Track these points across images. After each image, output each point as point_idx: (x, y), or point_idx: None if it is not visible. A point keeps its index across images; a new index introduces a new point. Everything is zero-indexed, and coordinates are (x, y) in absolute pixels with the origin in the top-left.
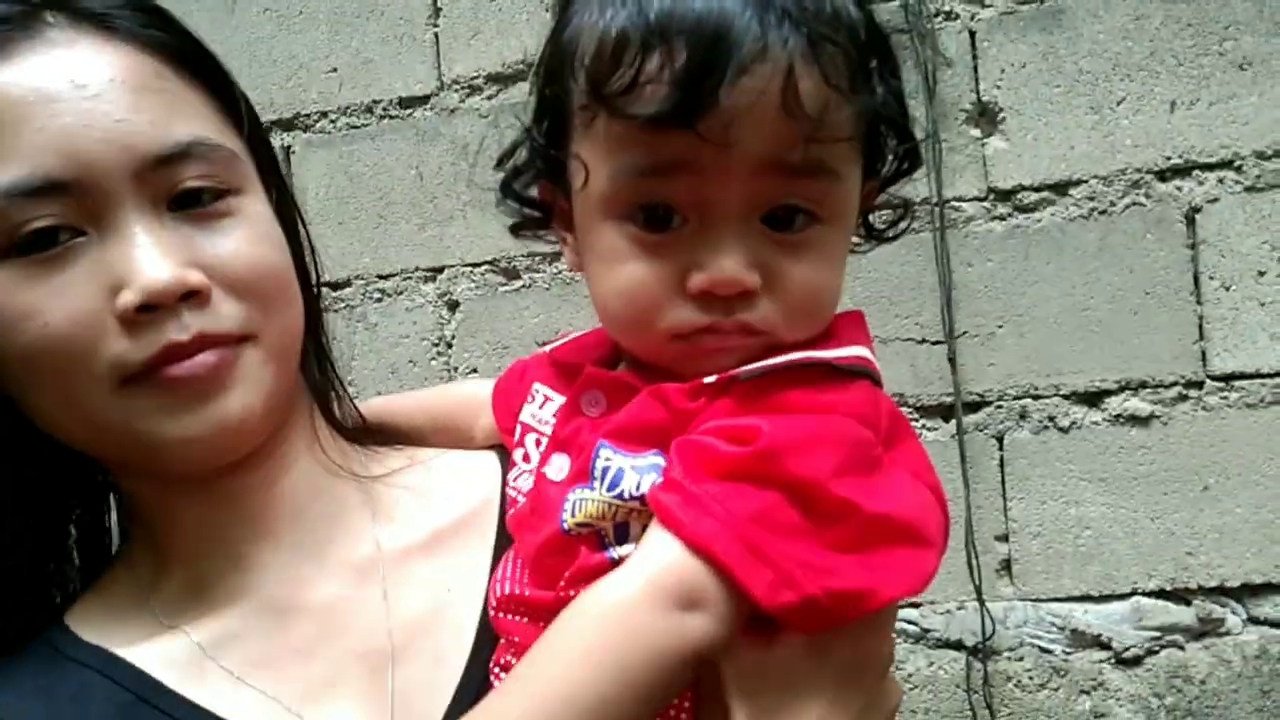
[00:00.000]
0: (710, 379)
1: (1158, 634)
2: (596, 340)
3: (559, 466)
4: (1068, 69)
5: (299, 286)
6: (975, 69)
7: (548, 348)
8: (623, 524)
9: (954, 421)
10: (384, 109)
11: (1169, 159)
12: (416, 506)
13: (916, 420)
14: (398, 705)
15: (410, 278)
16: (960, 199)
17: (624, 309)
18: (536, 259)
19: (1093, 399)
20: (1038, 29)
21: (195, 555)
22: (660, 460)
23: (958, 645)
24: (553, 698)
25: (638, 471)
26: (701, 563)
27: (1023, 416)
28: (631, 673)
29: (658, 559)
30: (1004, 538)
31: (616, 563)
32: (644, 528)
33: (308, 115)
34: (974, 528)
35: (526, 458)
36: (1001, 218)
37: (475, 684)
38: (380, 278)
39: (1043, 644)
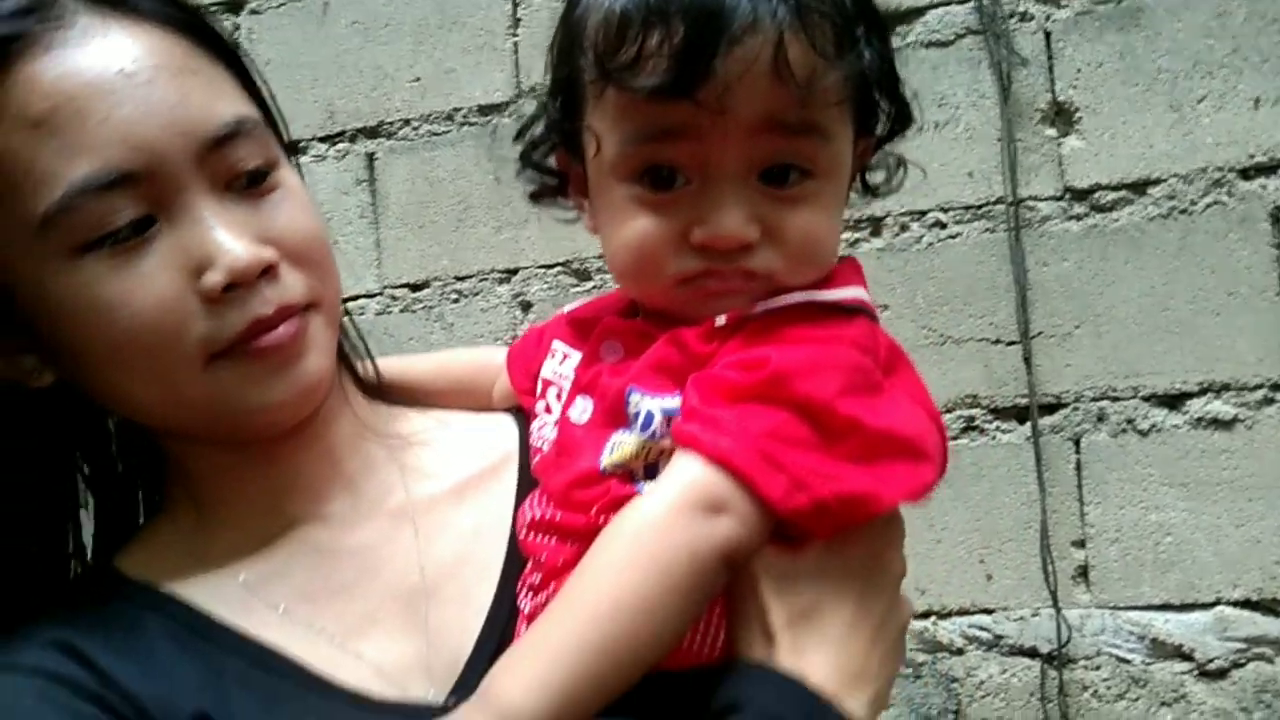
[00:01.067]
0: (722, 320)
1: (1244, 646)
2: (613, 299)
3: (582, 409)
4: (1146, 68)
5: None
6: (1051, 69)
7: (565, 309)
8: (652, 464)
9: (1029, 424)
10: (464, 116)
11: (1253, 157)
12: (440, 461)
13: (990, 423)
14: (432, 638)
15: (486, 279)
16: (1036, 198)
17: (632, 261)
18: None
19: (1173, 401)
20: (1115, 28)
21: (239, 509)
22: (680, 399)
23: (1031, 653)
24: (602, 604)
25: (665, 412)
26: (722, 474)
27: (1100, 419)
28: (669, 575)
29: (683, 476)
30: (1080, 543)
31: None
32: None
33: (391, 123)
34: (1049, 533)
35: (549, 409)
36: (1078, 217)
37: (502, 618)
38: (457, 279)
39: (1121, 653)
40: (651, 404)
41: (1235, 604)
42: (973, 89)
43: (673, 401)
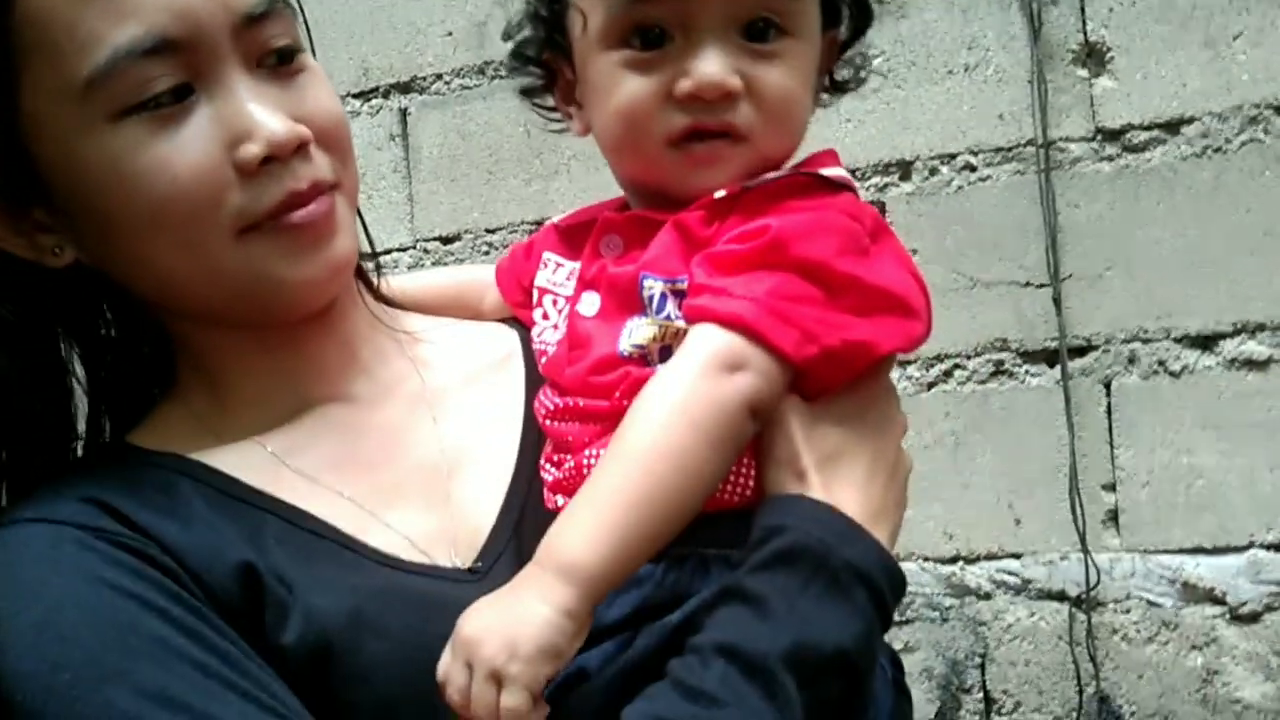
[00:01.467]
0: (721, 193)
1: (1277, 589)
2: (601, 206)
3: (590, 303)
4: (1180, 4)
5: None
6: (1082, 8)
7: (553, 220)
8: (667, 347)
9: (1059, 367)
10: (495, 69)
11: None
12: (448, 355)
13: (1020, 366)
14: (454, 511)
15: (516, 230)
16: (1067, 139)
17: (622, 124)
18: None
19: (1206, 343)
20: None
21: (257, 391)
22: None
23: (1060, 596)
24: (645, 458)
25: (678, 293)
26: (737, 334)
27: (1131, 361)
28: (703, 427)
29: (702, 342)
30: (1111, 487)
31: None
32: None
33: (424, 78)
34: (1079, 476)
35: (546, 316)
36: (1110, 158)
37: (521, 490)
38: (488, 231)
39: (1151, 597)
40: (664, 286)
41: (1268, 547)
42: (1003, 30)
43: (684, 283)
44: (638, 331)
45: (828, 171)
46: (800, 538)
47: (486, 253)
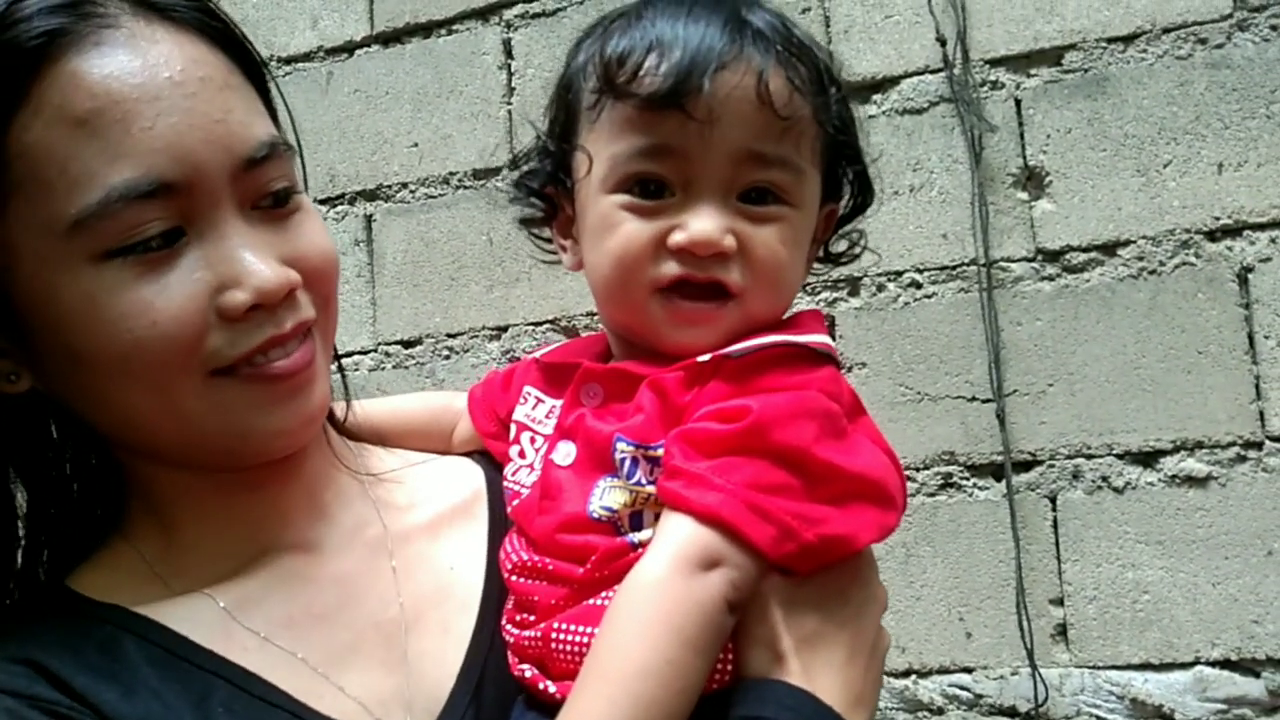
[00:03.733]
0: (704, 358)
1: (1224, 707)
2: (585, 344)
3: (565, 453)
4: (1113, 134)
5: None
6: (1021, 135)
7: (535, 355)
8: (637, 513)
9: (1004, 481)
10: (459, 180)
11: (1218, 219)
12: (412, 497)
13: (967, 480)
14: (412, 670)
15: (477, 336)
16: (1009, 259)
17: (614, 265)
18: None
19: (1147, 459)
20: (1083, 96)
21: (212, 535)
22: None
23: (1010, 712)
24: (627, 671)
25: (650, 460)
26: (713, 529)
27: (1076, 476)
28: (682, 631)
29: (676, 536)
30: (1059, 601)
31: (635, 546)
32: (656, 515)
33: (389, 186)
34: (1027, 590)
35: (523, 454)
36: (1050, 278)
37: (483, 650)
38: (449, 336)
39: (1101, 713)
40: (637, 451)
41: (1214, 664)
42: (946, 154)
43: (656, 450)
44: (608, 495)
45: (810, 339)
46: None
47: (447, 357)
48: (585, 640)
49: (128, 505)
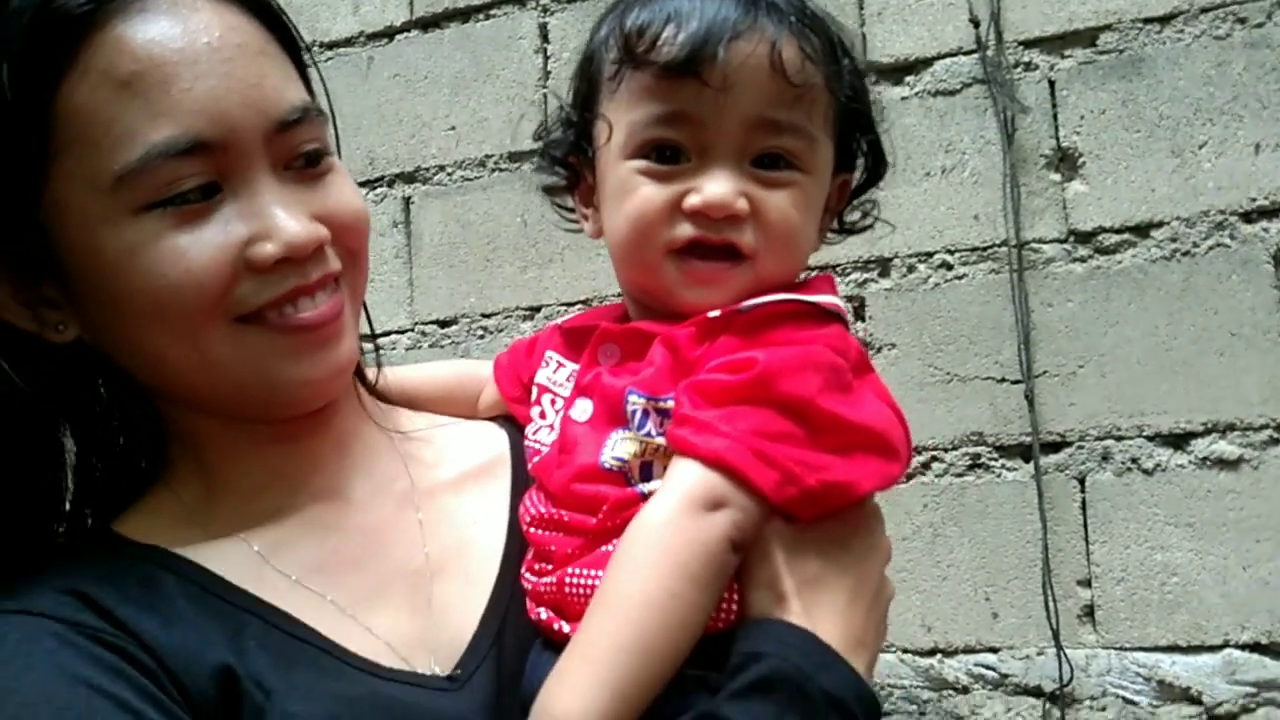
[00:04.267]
0: (715, 313)
1: (1253, 690)
2: (605, 311)
3: (582, 409)
4: (1148, 115)
5: None
6: (1055, 116)
7: (558, 322)
8: (647, 463)
9: (1033, 462)
10: (495, 163)
11: (1254, 200)
12: (439, 455)
13: (996, 460)
14: (435, 616)
15: (511, 315)
16: (1040, 240)
17: (631, 227)
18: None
19: (1178, 441)
20: (1117, 77)
21: (249, 483)
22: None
23: (1036, 692)
24: (634, 605)
25: (660, 411)
26: (718, 473)
27: (1105, 458)
28: (687, 568)
29: (684, 479)
30: (1086, 582)
31: (644, 496)
32: (664, 468)
33: (427, 169)
34: (1054, 571)
35: (543, 414)
36: (1082, 259)
37: (504, 599)
38: (484, 315)
39: (1127, 694)
40: (647, 403)
41: (1244, 647)
42: (978, 135)
43: (667, 402)
44: (620, 445)
45: (819, 299)
46: (778, 665)
47: (482, 336)
48: (597, 584)
49: (168, 454)
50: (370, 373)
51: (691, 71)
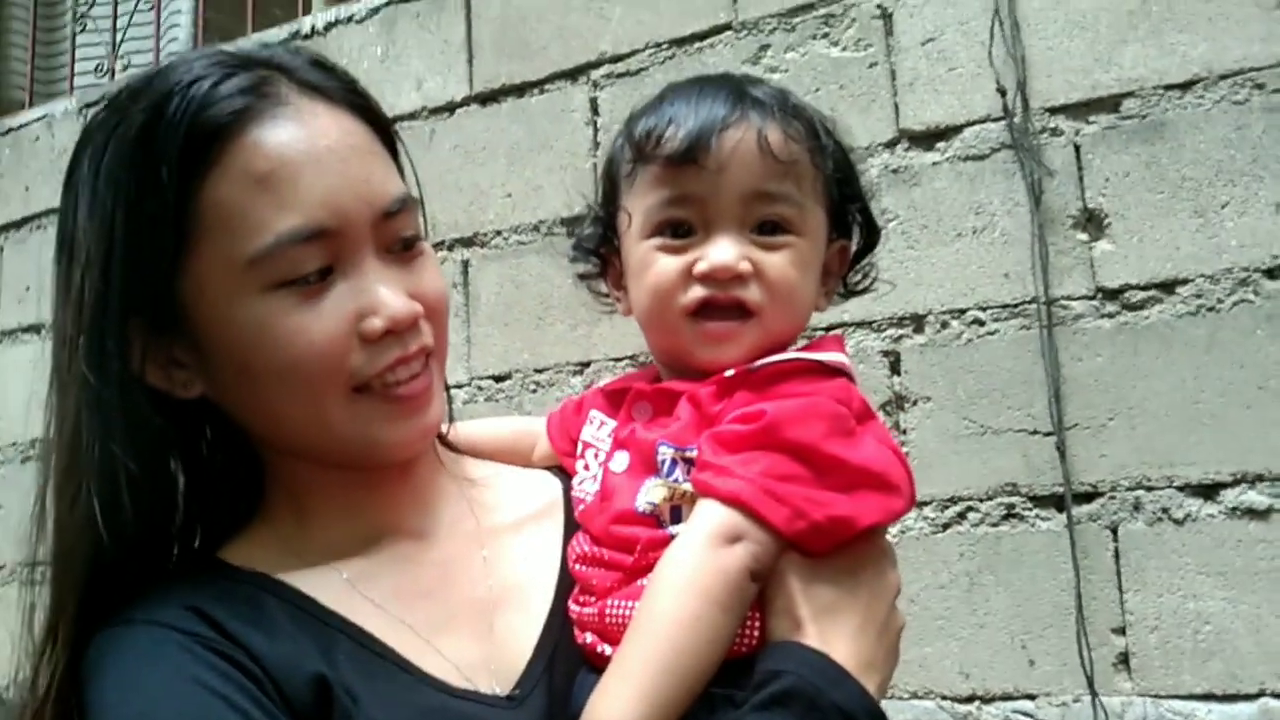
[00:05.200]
0: (730, 373)
1: None
2: (641, 373)
3: (620, 461)
4: (1171, 176)
5: None
6: (1081, 179)
7: (600, 385)
8: (676, 508)
9: (1065, 512)
10: (549, 227)
11: (1276, 257)
12: (500, 500)
13: (1030, 510)
14: (497, 641)
15: (562, 371)
16: (1069, 298)
17: (651, 295)
18: None
19: (1208, 491)
20: (1140, 141)
21: (337, 519)
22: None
23: None
24: (665, 627)
25: (686, 460)
26: (735, 511)
27: (1136, 508)
28: (710, 593)
29: (706, 517)
30: (1120, 630)
31: (674, 537)
32: (691, 509)
33: (484, 234)
34: (1088, 620)
35: (587, 467)
36: (1110, 315)
37: (555, 629)
38: (536, 371)
39: None
40: (675, 454)
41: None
42: (1007, 198)
43: (691, 451)
44: (652, 491)
45: (826, 357)
46: (795, 682)
47: (534, 390)
48: (632, 613)
49: (267, 493)
50: (443, 426)
51: (691, 159)
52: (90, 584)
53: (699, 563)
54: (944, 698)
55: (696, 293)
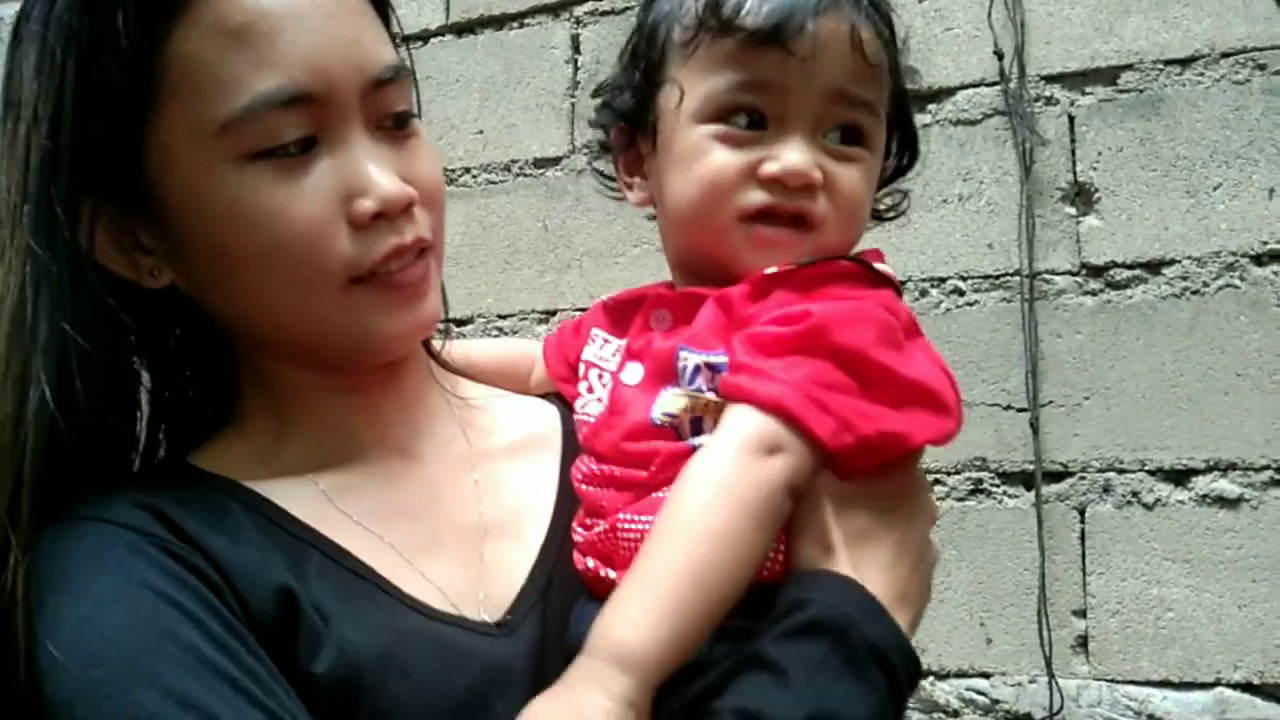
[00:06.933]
0: (771, 270)
1: None
2: (649, 288)
3: (633, 372)
4: (1165, 154)
5: None
6: (1073, 151)
7: (602, 299)
8: (698, 418)
9: (1034, 490)
10: (520, 168)
11: (1265, 244)
12: (495, 423)
13: (997, 487)
14: (486, 569)
15: (526, 318)
16: (1052, 272)
17: (703, 191)
18: None
19: (1179, 477)
20: (1136, 115)
21: (318, 428)
22: (727, 357)
23: (1026, 719)
24: (691, 539)
25: (710, 366)
26: (775, 419)
27: (1106, 490)
28: (745, 506)
29: (742, 423)
30: (1081, 613)
31: (696, 449)
32: (715, 421)
33: (453, 170)
34: (1049, 600)
35: (590, 389)
36: (1093, 293)
37: (550, 559)
38: (500, 317)
39: None
40: (699, 359)
41: (1236, 686)
42: (996, 166)
43: (718, 357)
44: (670, 401)
45: (874, 262)
46: (825, 610)
47: (497, 336)
48: (647, 529)
49: (242, 397)
50: (436, 342)
51: (778, 40)
52: (42, 479)
53: (734, 472)
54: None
55: (758, 197)
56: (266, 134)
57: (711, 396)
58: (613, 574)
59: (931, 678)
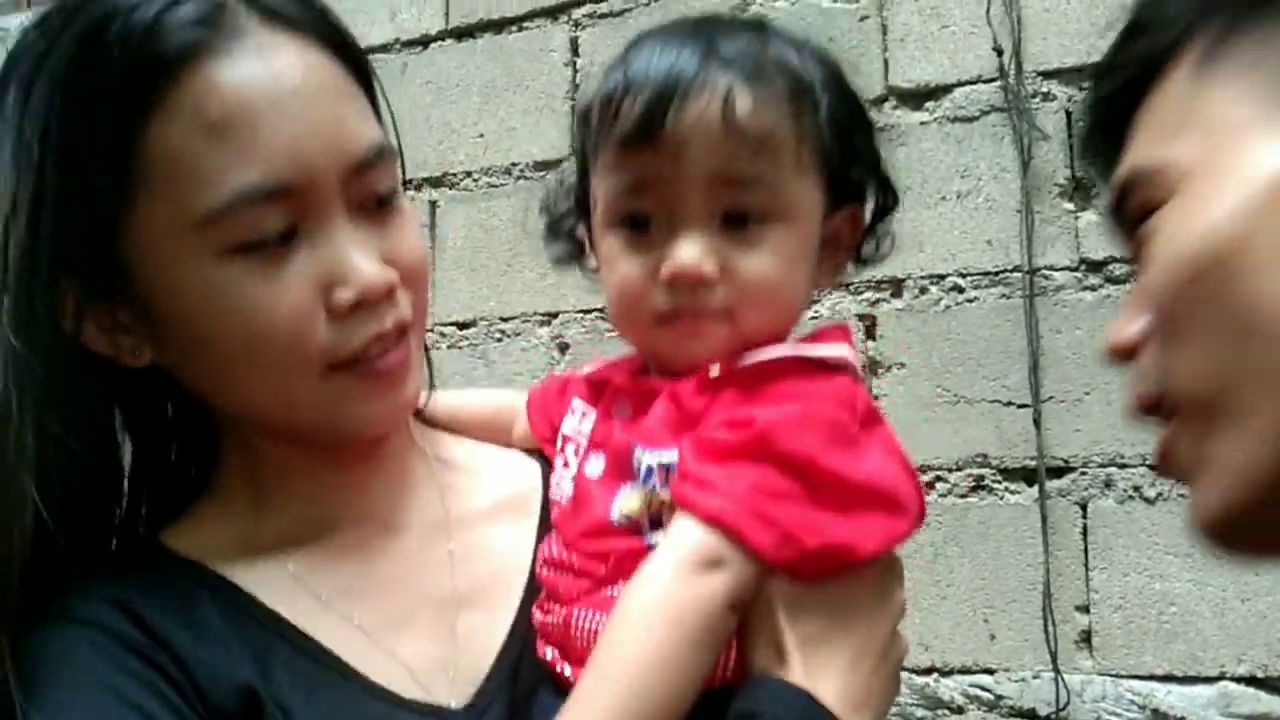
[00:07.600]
0: (715, 370)
1: None
2: (623, 362)
3: (595, 465)
4: None
5: None
6: (1071, 147)
7: (584, 369)
8: (656, 514)
9: (1037, 486)
10: (521, 171)
11: None
12: (473, 485)
13: (999, 483)
14: (459, 643)
15: (529, 321)
16: (1052, 268)
17: (619, 298)
18: None
19: None
20: None
21: (294, 501)
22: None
23: (1031, 715)
24: (629, 667)
25: (664, 466)
26: (716, 532)
27: (1108, 485)
28: (683, 628)
29: (682, 537)
30: (1085, 608)
31: (651, 547)
32: (672, 516)
33: (454, 174)
34: (1053, 595)
35: (566, 464)
36: (1092, 288)
37: (522, 633)
38: (502, 320)
39: None
40: (652, 458)
41: (1239, 679)
42: (995, 162)
43: (671, 455)
44: (627, 501)
45: (825, 351)
46: None
47: (499, 339)
48: (600, 627)
49: (221, 469)
50: (420, 399)
51: (646, 137)
52: (24, 582)
53: (671, 591)
54: (902, 669)
55: (663, 301)
56: (247, 227)
57: (666, 496)
58: (568, 670)
59: (935, 675)
